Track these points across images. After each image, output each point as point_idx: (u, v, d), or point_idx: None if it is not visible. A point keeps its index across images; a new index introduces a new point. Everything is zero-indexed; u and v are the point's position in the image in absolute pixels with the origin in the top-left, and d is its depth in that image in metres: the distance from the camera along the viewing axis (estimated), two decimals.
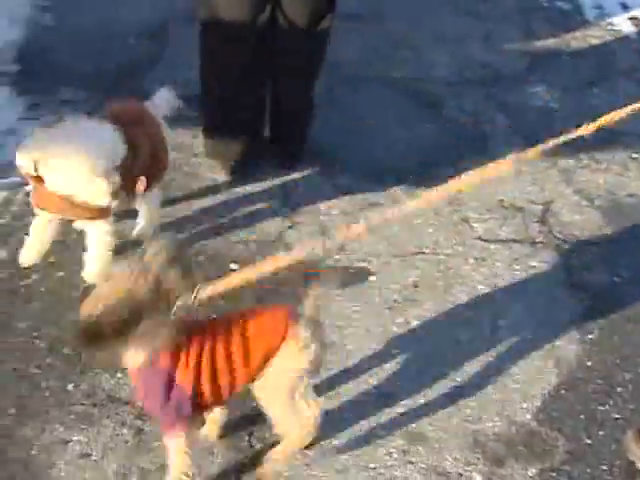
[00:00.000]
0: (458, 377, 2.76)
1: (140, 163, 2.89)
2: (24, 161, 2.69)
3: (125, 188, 2.84)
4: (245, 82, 3.43)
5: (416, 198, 2.21)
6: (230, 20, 3.21)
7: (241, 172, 3.59)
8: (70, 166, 2.71)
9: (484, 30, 5.25)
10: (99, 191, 2.74)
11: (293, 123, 3.68)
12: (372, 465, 2.46)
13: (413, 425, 2.59)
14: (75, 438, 2.46)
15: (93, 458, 2.41)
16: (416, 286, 3.12)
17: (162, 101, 3.14)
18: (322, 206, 3.51)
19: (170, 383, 2.08)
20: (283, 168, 3.66)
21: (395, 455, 2.50)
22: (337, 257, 3.23)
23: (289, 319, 2.17)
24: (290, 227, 3.37)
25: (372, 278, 3.15)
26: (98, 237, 2.89)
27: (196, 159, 3.68)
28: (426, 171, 3.76)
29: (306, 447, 2.43)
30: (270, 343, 2.15)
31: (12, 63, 4.35)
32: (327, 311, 2.96)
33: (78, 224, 2.97)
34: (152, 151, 2.95)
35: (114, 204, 2.82)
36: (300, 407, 2.22)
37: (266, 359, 2.16)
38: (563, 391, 2.75)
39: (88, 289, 2.37)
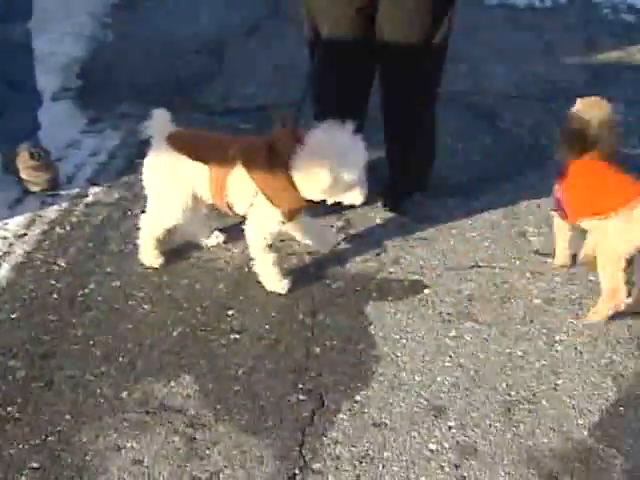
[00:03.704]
0: (512, 391, 2.71)
1: None
2: None
3: None
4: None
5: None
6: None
7: None
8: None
9: (544, 43, 5.22)
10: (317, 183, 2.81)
11: None
12: (423, 479, 2.43)
13: (465, 439, 2.55)
14: (128, 445, 2.49)
15: (145, 465, 2.43)
16: (471, 299, 3.09)
17: None
18: (378, 219, 3.52)
19: None
20: None
21: (447, 469, 2.46)
22: (391, 270, 3.22)
23: None
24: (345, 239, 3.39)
25: (427, 291, 3.13)
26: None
27: None
28: (484, 186, 3.74)
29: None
30: None
31: (76, 78, 4.48)
32: (380, 323, 2.96)
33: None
34: None
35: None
36: None
37: None
38: (621, 408, 2.68)
39: None
